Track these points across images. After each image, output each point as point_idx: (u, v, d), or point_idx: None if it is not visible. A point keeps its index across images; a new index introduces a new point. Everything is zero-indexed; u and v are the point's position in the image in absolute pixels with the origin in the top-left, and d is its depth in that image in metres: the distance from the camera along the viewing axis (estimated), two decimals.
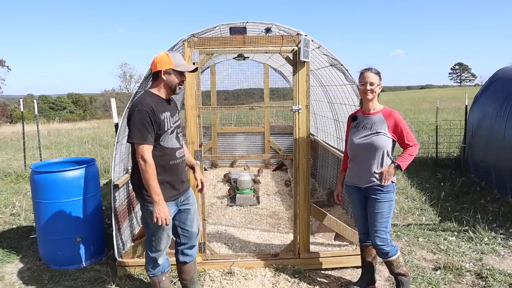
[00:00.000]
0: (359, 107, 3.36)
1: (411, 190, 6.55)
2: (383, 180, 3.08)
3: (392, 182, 3.13)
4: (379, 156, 3.10)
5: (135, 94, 4.21)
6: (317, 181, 6.91)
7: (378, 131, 3.10)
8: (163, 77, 2.84)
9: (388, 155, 3.12)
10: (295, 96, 3.72)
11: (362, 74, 3.16)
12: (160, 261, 3.04)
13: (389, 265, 3.26)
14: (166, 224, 2.82)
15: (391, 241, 3.22)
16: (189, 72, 2.97)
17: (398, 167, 3.07)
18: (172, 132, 2.90)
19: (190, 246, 3.17)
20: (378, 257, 3.47)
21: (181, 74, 2.88)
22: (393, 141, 3.14)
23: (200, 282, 3.57)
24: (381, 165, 3.11)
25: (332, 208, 5.36)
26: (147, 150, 2.72)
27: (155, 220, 2.76)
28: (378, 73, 3.14)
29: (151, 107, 2.74)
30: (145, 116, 2.70)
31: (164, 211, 2.77)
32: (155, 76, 2.87)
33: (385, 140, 3.09)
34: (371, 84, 3.09)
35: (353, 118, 3.32)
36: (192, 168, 3.26)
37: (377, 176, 3.11)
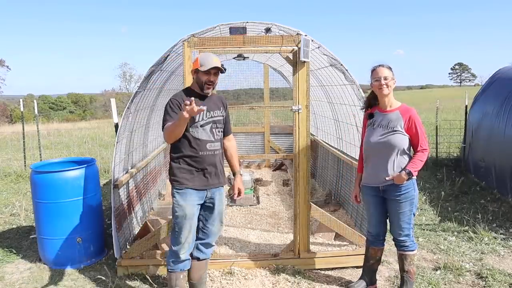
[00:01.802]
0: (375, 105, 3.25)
1: None
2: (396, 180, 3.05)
3: (411, 178, 3.05)
4: (395, 155, 3.05)
5: (135, 94, 4.21)
6: (317, 181, 6.91)
7: (394, 129, 3.03)
8: (193, 76, 3.08)
9: (405, 153, 3.06)
10: (295, 96, 3.72)
11: (374, 70, 3.10)
12: (182, 256, 3.09)
13: (403, 260, 3.23)
14: (191, 109, 2.59)
15: (413, 237, 3.22)
16: (213, 70, 2.99)
17: (409, 173, 3.01)
18: (205, 124, 3.03)
19: (205, 243, 3.22)
20: (381, 259, 3.47)
21: (207, 73, 2.99)
22: (410, 139, 3.07)
23: None
24: (397, 164, 3.05)
25: (331, 208, 5.36)
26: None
27: (187, 102, 2.56)
28: (390, 68, 3.09)
29: (183, 97, 2.94)
30: (174, 104, 2.95)
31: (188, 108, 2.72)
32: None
33: (401, 139, 3.02)
34: (385, 78, 3.04)
35: (369, 115, 3.23)
36: (234, 174, 3.42)
37: (390, 176, 3.06)
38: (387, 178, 3.06)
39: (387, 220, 3.30)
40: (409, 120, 3.03)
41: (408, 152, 3.08)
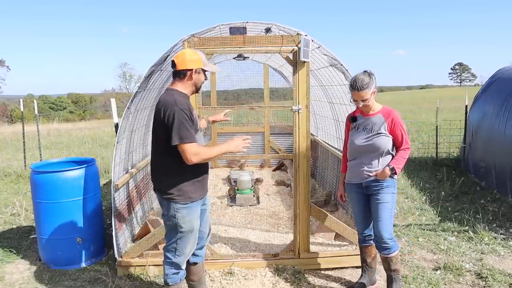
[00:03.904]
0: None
1: (411, 190, 6.55)
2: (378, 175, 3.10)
3: (393, 176, 3.10)
4: (379, 155, 3.13)
5: (135, 94, 4.21)
6: (317, 181, 6.91)
7: (379, 132, 3.11)
8: (193, 76, 2.80)
9: (389, 153, 3.14)
10: (295, 96, 3.72)
11: (351, 92, 3.12)
12: (183, 265, 2.98)
13: (388, 262, 3.23)
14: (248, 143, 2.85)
15: (394, 238, 3.22)
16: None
17: (392, 169, 3.06)
18: (200, 130, 2.93)
19: (200, 247, 3.15)
20: (377, 257, 3.47)
21: (205, 73, 2.88)
22: (393, 139, 3.15)
23: None
24: (381, 163, 3.12)
25: (331, 209, 5.36)
26: (195, 147, 2.69)
27: (245, 150, 2.85)
28: (367, 84, 3.04)
29: (189, 106, 2.72)
30: (187, 115, 2.66)
31: (236, 142, 2.83)
32: (181, 74, 2.79)
33: (386, 141, 3.11)
34: (363, 100, 3.09)
35: (352, 119, 3.32)
36: (208, 122, 3.34)
37: (373, 172, 3.12)
38: (371, 174, 3.12)
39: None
40: (392, 122, 3.11)
41: (391, 153, 3.17)
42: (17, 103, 40.15)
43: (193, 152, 2.65)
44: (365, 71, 3.11)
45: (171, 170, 2.79)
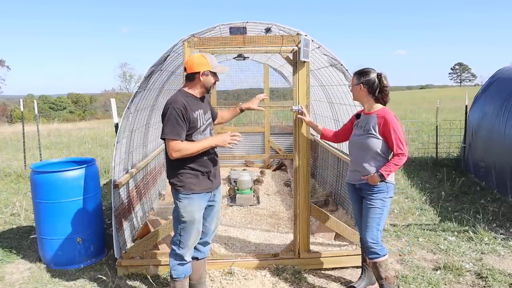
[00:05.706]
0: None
1: (411, 190, 6.55)
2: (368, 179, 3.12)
3: (386, 182, 3.12)
4: (370, 156, 3.12)
5: (135, 94, 4.21)
6: (317, 181, 6.91)
7: (369, 132, 3.12)
8: (201, 78, 2.98)
9: (379, 155, 3.11)
10: (295, 96, 3.72)
11: None
12: (187, 257, 3.08)
13: (377, 268, 3.17)
14: (237, 140, 2.99)
15: (382, 243, 3.20)
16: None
17: (381, 175, 3.06)
18: (205, 129, 3.06)
19: (203, 242, 3.24)
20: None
21: (215, 74, 3.03)
22: (386, 142, 3.10)
23: None
24: (371, 165, 3.12)
25: (331, 209, 5.36)
26: (178, 144, 2.87)
27: (231, 146, 3.00)
28: (359, 74, 3.19)
29: (184, 105, 2.89)
30: (178, 113, 2.85)
31: (223, 137, 2.97)
32: (191, 76, 3.01)
33: (374, 142, 3.09)
34: (350, 85, 3.29)
35: (357, 115, 3.37)
36: (241, 110, 3.46)
37: (364, 176, 3.13)
38: (362, 178, 3.15)
39: None
40: (383, 124, 3.07)
41: (383, 155, 3.12)
42: (17, 103, 40.13)
43: (175, 148, 2.85)
44: (377, 73, 3.15)
45: (170, 162, 2.99)
